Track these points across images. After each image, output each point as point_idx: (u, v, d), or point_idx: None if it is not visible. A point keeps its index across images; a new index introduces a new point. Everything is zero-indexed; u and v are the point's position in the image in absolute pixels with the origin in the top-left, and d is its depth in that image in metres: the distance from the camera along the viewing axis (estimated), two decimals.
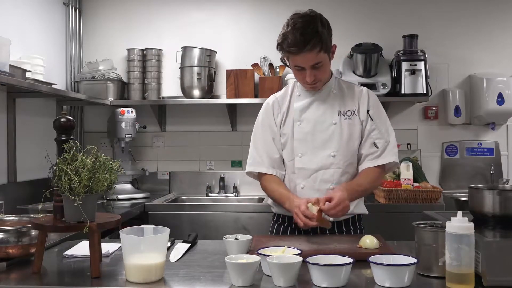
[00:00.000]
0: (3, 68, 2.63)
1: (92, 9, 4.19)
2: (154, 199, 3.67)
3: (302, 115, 2.13)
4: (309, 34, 1.95)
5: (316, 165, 2.09)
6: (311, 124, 2.11)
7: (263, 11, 4.14)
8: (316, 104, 2.13)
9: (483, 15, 4.04)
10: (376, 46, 3.76)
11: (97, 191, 1.57)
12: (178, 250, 1.85)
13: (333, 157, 2.08)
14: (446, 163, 4.04)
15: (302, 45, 1.95)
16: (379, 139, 2.11)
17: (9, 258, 1.66)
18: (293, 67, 2.07)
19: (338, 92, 2.15)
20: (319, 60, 2.00)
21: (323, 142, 2.09)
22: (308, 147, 2.10)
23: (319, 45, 1.96)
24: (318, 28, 1.96)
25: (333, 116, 2.11)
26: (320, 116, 2.11)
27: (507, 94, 3.82)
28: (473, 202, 1.71)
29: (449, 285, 1.38)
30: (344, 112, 2.11)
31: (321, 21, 2.01)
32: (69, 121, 1.66)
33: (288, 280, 1.42)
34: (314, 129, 2.10)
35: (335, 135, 2.09)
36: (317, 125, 2.11)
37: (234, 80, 3.85)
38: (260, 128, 2.20)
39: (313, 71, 2.02)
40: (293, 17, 2.01)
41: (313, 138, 2.10)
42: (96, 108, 4.11)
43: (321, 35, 1.96)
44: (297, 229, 2.13)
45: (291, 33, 1.96)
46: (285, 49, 2.02)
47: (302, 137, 2.11)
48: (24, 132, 3.31)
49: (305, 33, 1.94)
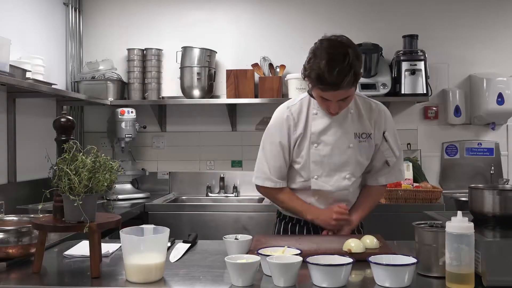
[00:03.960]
0: (3, 68, 2.63)
1: (92, 9, 4.19)
2: (154, 199, 3.67)
3: (320, 137, 2.08)
4: (343, 73, 1.84)
5: (331, 187, 2.11)
6: (329, 147, 2.08)
7: (263, 11, 4.14)
8: (334, 126, 2.08)
9: (483, 15, 4.04)
10: (376, 46, 3.76)
11: (97, 191, 1.57)
12: (178, 250, 1.85)
13: (347, 179, 2.11)
14: (446, 163, 4.04)
15: (336, 85, 1.86)
16: (391, 158, 2.16)
17: (9, 258, 1.66)
18: (318, 97, 1.99)
19: (355, 111, 2.12)
20: (348, 94, 1.95)
21: (339, 165, 2.10)
22: (324, 170, 2.09)
23: (351, 83, 1.88)
24: (352, 63, 1.85)
25: (350, 139, 2.09)
26: (338, 139, 2.08)
27: (507, 94, 3.81)
28: (473, 202, 1.71)
29: (449, 285, 1.38)
30: (360, 135, 2.11)
31: (354, 53, 1.88)
32: (69, 121, 1.66)
33: (288, 280, 1.42)
34: (331, 152, 2.08)
35: (352, 158, 2.10)
36: (335, 149, 2.08)
37: (234, 80, 3.85)
38: (270, 142, 2.13)
39: (339, 102, 1.97)
40: (324, 46, 1.91)
41: (330, 161, 2.09)
42: (96, 108, 4.11)
43: (356, 73, 1.87)
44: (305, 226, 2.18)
45: (326, 69, 1.84)
46: (316, 86, 1.92)
47: (319, 159, 2.09)
48: (24, 132, 3.31)
49: (340, 73, 1.84)
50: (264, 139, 2.17)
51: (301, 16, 4.10)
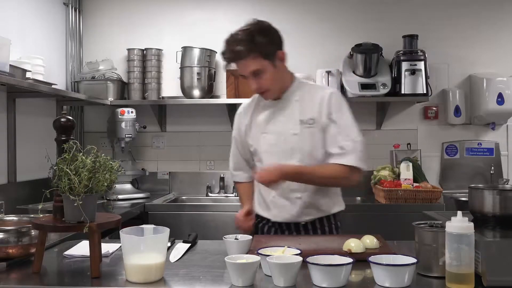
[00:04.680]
0: (3, 68, 2.63)
1: (92, 9, 4.19)
2: (154, 199, 3.67)
3: (266, 126, 2.15)
4: (241, 43, 1.98)
5: None
6: (275, 135, 2.12)
7: (263, 11, 4.13)
8: (278, 114, 2.13)
9: (483, 15, 4.04)
10: (376, 46, 3.76)
11: (97, 191, 1.57)
12: (178, 250, 1.85)
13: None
14: (446, 163, 4.04)
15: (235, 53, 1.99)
16: (345, 141, 2.05)
17: (9, 258, 1.66)
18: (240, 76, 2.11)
19: (301, 99, 2.12)
20: (257, 67, 2.00)
21: (287, 153, 2.10)
22: (274, 159, 2.11)
23: (253, 52, 1.97)
24: (253, 37, 1.98)
25: (295, 127, 2.09)
26: (282, 126, 2.11)
27: (507, 94, 3.82)
28: (473, 202, 1.71)
29: (449, 285, 1.38)
30: (305, 121, 2.08)
31: (258, 30, 2.01)
32: (69, 121, 1.66)
33: (288, 280, 1.42)
34: (277, 140, 2.11)
35: (298, 145, 2.08)
36: (280, 136, 2.11)
37: (234, 80, 3.84)
38: (234, 140, 2.34)
39: (255, 79, 2.03)
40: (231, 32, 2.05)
41: (277, 149, 2.11)
42: (96, 108, 4.11)
43: (254, 42, 1.98)
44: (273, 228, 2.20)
45: (226, 43, 2.02)
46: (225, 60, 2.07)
47: (268, 149, 2.14)
48: (24, 132, 3.31)
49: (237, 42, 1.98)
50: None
51: (301, 16, 4.10)
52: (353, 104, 4.00)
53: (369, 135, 4.07)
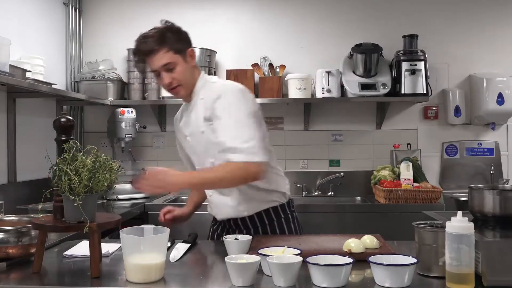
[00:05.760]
0: (3, 68, 2.63)
1: (92, 9, 4.19)
2: (154, 199, 3.67)
3: (185, 129, 2.20)
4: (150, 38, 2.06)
5: None
6: (192, 137, 2.17)
7: (263, 11, 4.14)
8: (189, 116, 2.16)
9: (483, 15, 4.04)
10: (376, 46, 3.76)
11: (97, 191, 1.57)
12: (178, 250, 1.85)
13: (213, 163, 2.08)
14: (446, 163, 4.04)
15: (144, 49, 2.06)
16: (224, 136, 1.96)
17: (9, 258, 1.66)
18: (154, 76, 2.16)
19: (206, 97, 2.09)
20: (168, 60, 2.03)
21: (201, 152, 2.15)
22: (197, 160, 2.20)
23: (164, 46, 2.03)
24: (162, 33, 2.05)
25: (200, 125, 2.09)
26: (193, 128, 2.14)
27: (507, 94, 3.82)
28: (473, 202, 1.71)
29: (449, 285, 1.38)
30: (208, 118, 2.05)
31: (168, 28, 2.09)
32: (69, 121, 1.66)
33: (288, 280, 1.42)
34: (193, 142, 2.16)
35: (207, 143, 2.08)
36: (193, 137, 2.15)
37: (234, 80, 3.83)
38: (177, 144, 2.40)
39: (168, 73, 2.06)
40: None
41: (195, 150, 2.18)
42: (96, 108, 4.11)
43: (165, 38, 2.04)
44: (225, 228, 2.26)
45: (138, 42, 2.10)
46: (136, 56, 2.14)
47: (189, 151, 2.23)
48: (24, 132, 3.31)
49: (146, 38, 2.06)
50: None
51: (301, 16, 4.10)
52: (353, 104, 4.06)
53: (369, 135, 4.07)
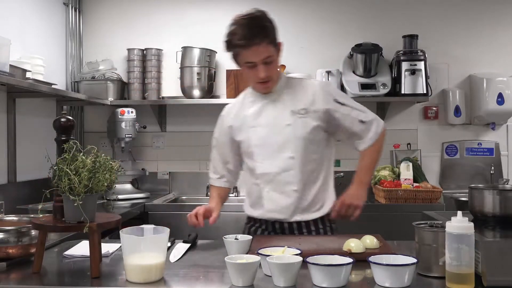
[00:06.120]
0: (3, 68, 2.63)
1: (92, 9, 4.19)
2: (154, 199, 3.67)
3: (256, 119, 2.12)
4: (256, 28, 1.96)
5: (277, 168, 2.08)
6: (266, 128, 2.10)
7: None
8: (268, 107, 2.11)
9: (483, 15, 4.04)
10: (376, 46, 3.76)
11: (97, 191, 1.57)
12: (178, 250, 1.85)
13: (292, 158, 2.07)
14: (446, 163, 4.04)
15: (251, 37, 1.95)
16: (360, 114, 2.11)
17: (9, 258, 1.66)
18: (244, 65, 2.03)
19: (289, 91, 2.11)
20: (269, 53, 1.99)
21: (280, 145, 2.08)
22: (266, 152, 2.10)
23: (267, 37, 1.97)
24: (264, 23, 1.99)
25: (287, 118, 2.08)
26: (274, 119, 2.09)
27: (507, 94, 3.82)
28: (473, 202, 1.71)
29: (449, 285, 1.38)
30: (297, 111, 2.07)
31: (266, 17, 2.02)
32: (69, 121, 1.65)
33: (288, 280, 1.42)
34: (269, 133, 2.09)
35: (291, 136, 2.06)
36: (272, 128, 2.09)
37: (234, 80, 3.85)
38: (214, 142, 2.30)
39: (265, 66, 2.00)
40: (237, 17, 2.04)
41: (270, 141, 2.09)
42: (96, 108, 4.11)
43: (267, 28, 1.99)
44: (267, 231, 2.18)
45: (239, 28, 1.98)
46: (235, 44, 1.99)
47: (259, 142, 2.11)
48: (24, 132, 3.31)
49: (252, 26, 1.96)
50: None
51: (301, 16, 4.10)
52: None
53: None
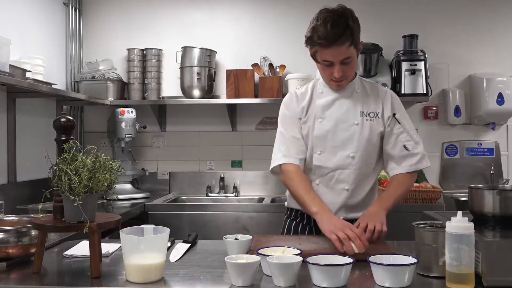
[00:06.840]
0: (3, 68, 2.63)
1: (92, 9, 4.19)
2: (154, 199, 3.67)
3: (324, 112, 2.08)
4: (340, 27, 1.90)
5: (333, 165, 2.06)
6: (333, 122, 2.06)
7: (263, 11, 4.14)
8: (339, 102, 2.08)
9: (483, 15, 4.04)
10: (376, 46, 3.76)
11: (97, 191, 1.57)
12: (178, 250, 1.85)
13: (351, 158, 2.05)
14: (446, 163, 4.04)
15: (333, 38, 1.90)
16: (408, 142, 2.08)
17: (9, 258, 1.66)
18: (322, 62, 2.01)
19: (361, 92, 2.11)
20: (348, 55, 1.96)
21: (343, 142, 2.05)
22: (327, 145, 2.06)
23: (349, 39, 1.92)
24: (349, 22, 1.92)
25: (355, 116, 2.06)
26: (342, 115, 2.07)
27: (507, 94, 3.82)
28: (473, 202, 1.71)
29: (449, 285, 1.38)
30: (367, 113, 2.07)
31: (352, 16, 1.96)
32: (69, 121, 1.65)
33: (288, 280, 1.42)
34: (335, 128, 2.06)
35: (356, 135, 2.05)
36: (339, 124, 2.06)
37: (234, 80, 3.85)
38: (282, 123, 2.14)
39: (342, 66, 1.97)
40: (322, 12, 1.96)
41: (334, 136, 2.06)
42: (96, 108, 4.11)
43: (352, 29, 1.92)
44: (308, 226, 2.12)
45: (322, 26, 1.91)
46: (315, 42, 1.95)
47: (322, 134, 2.06)
48: (24, 132, 3.31)
49: (336, 26, 1.90)
50: (278, 127, 2.16)
51: (301, 16, 4.07)
52: None
53: None
